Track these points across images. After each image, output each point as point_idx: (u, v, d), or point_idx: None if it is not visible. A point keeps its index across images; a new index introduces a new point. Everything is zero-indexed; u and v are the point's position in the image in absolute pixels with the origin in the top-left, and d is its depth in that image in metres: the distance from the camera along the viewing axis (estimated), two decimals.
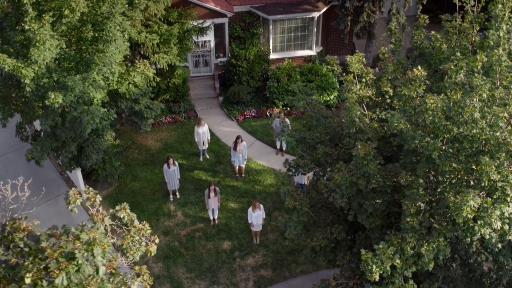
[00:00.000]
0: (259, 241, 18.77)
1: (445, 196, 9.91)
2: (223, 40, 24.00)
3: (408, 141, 10.42)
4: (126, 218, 9.51)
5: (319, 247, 12.54)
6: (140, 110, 18.43)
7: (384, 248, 10.04)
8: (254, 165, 21.60)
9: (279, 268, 18.06)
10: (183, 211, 19.82)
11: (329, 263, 13.37)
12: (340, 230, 12.49)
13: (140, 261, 18.06)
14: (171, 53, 19.12)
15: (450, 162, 10.07)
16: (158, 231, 19.08)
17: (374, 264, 9.77)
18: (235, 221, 19.50)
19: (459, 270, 11.05)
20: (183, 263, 18.15)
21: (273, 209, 19.90)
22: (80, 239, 6.93)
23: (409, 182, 10.47)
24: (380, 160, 11.11)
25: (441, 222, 10.29)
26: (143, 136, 22.79)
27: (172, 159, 19.22)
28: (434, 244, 10.00)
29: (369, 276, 9.86)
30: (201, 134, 20.84)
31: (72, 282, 6.89)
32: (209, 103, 24.26)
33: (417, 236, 10.20)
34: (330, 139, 13.38)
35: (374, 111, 12.55)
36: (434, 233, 10.18)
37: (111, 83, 17.84)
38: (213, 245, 18.66)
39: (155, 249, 10.02)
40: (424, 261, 10.03)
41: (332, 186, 11.42)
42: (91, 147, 18.62)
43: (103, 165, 19.90)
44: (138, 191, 20.51)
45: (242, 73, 23.18)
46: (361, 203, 11.38)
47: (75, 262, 6.79)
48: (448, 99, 10.21)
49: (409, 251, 10.11)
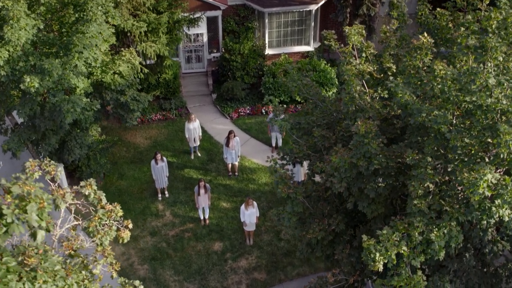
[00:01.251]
0: (252, 242, 17.52)
1: (456, 176, 8.71)
2: (217, 35, 22.97)
3: (414, 115, 9.26)
4: (92, 196, 8.31)
5: (316, 240, 11.29)
6: (126, 102, 17.29)
7: (388, 234, 8.81)
8: (248, 163, 20.43)
9: (274, 270, 16.79)
10: (172, 210, 18.60)
11: (327, 259, 12.14)
12: (338, 221, 11.27)
13: (125, 262, 16.82)
14: (160, 42, 18.06)
15: (462, 136, 8.90)
16: (144, 231, 17.86)
17: (377, 252, 8.54)
18: (227, 221, 18.27)
19: (473, 261, 9.82)
20: (171, 265, 16.89)
21: (268, 209, 18.67)
22: (11, 193, 5.72)
23: (416, 161, 9.28)
24: (383, 139, 9.94)
25: (453, 204, 9.09)
26: (131, 134, 21.66)
27: (160, 155, 18.05)
28: (445, 229, 8.78)
29: (372, 265, 8.62)
30: (192, 130, 19.69)
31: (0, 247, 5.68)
32: (202, 101, 23.16)
33: (425, 220, 8.97)
34: (327, 124, 12.23)
35: (376, 90, 11.42)
36: (445, 217, 8.96)
37: (94, 71, 16.79)
38: (203, 246, 17.41)
39: (128, 236, 8.81)
40: (434, 249, 8.79)
41: (329, 169, 10.23)
42: (74, 142, 17.50)
43: (87, 161, 18.76)
44: (125, 190, 19.31)
45: (236, 68, 22.11)
46: (362, 188, 10.17)
47: (3, 221, 5.58)
48: (459, 68, 9.06)
49: (417, 237, 8.88)
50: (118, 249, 17.25)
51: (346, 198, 10.81)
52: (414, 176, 9.20)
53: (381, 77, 11.33)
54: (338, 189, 10.10)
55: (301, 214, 11.82)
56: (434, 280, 9.62)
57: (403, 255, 8.89)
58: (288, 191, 11.12)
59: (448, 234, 8.83)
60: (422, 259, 8.92)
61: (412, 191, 9.11)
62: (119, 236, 8.51)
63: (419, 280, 8.69)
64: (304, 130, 12.43)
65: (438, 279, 9.59)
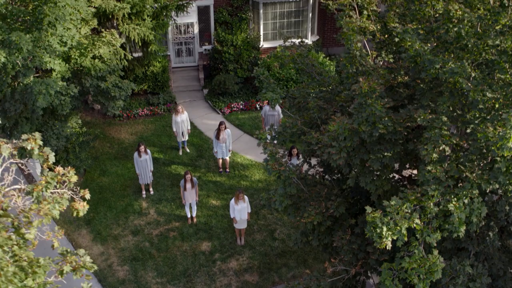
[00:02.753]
0: (244, 241, 15.97)
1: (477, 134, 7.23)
2: (208, 26, 21.68)
3: (426, 67, 7.84)
4: (36, 153, 6.84)
5: (312, 226, 9.74)
6: (107, 88, 15.88)
7: (398, 205, 7.30)
8: (240, 160, 18.96)
9: (267, 272, 15.21)
10: (156, 208, 17.08)
11: (324, 249, 10.59)
12: (338, 204, 9.76)
13: (103, 262, 15.26)
14: (144, 25, 16.74)
15: (483, 90, 7.48)
16: (126, 230, 16.32)
17: (384, 226, 7.02)
18: (216, 219, 16.74)
19: (497, 243, 8.30)
20: (154, 266, 15.32)
21: (261, 207, 17.10)
22: None
23: (429, 121, 7.82)
24: (389, 102, 8.49)
25: (474, 170, 7.61)
26: (116, 129, 20.23)
27: (143, 146, 16.58)
28: (465, 199, 7.28)
29: (378, 242, 7.11)
30: (179, 123, 18.26)
31: None
32: (193, 96, 21.78)
33: (442, 189, 7.47)
34: (325, 97, 10.79)
35: (380, 54, 10.02)
36: (466, 184, 7.48)
37: (72, 54, 15.45)
38: (190, 246, 15.85)
39: (86, 209, 7.31)
40: (453, 221, 7.24)
41: (326, 139, 8.77)
42: (50, 132, 16.08)
43: (66, 155, 17.30)
44: (107, 187, 17.82)
45: (229, 60, 20.77)
46: (365, 159, 8.69)
47: None
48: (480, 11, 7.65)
49: (432, 209, 7.36)
50: (97, 248, 15.72)
51: (347, 175, 9.30)
52: (427, 138, 7.73)
53: (386, 39, 9.93)
54: (337, 162, 8.61)
55: (295, 197, 10.31)
56: (452, 264, 8.08)
57: (416, 231, 7.37)
58: (280, 168, 9.63)
59: (469, 206, 7.34)
60: (438, 236, 7.39)
61: (425, 155, 7.63)
62: (73, 207, 7.01)
63: (435, 261, 7.19)
64: (299, 106, 11.00)
65: (457, 263, 8.06)
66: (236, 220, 15.30)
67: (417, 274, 7.19)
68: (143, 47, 18.02)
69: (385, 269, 7.59)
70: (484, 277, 8.19)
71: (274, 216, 16.84)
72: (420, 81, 8.74)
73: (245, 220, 15.46)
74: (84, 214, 7.12)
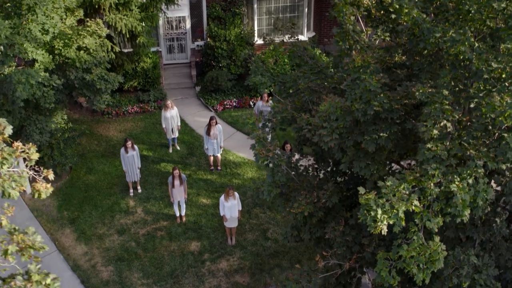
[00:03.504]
0: (235, 241, 15.20)
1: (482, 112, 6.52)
2: (201, 22, 21.04)
3: (425, 36, 7.15)
4: None
5: (302, 216, 8.98)
6: (93, 80, 15.19)
7: (394, 186, 6.55)
8: (232, 157, 18.24)
9: (259, 273, 14.42)
10: (144, 207, 16.32)
11: (317, 244, 9.83)
12: (330, 193, 9.02)
13: (86, 263, 14.49)
14: (131, 15, 16.08)
15: (488, 59, 6.77)
16: (111, 229, 15.55)
17: (379, 208, 6.27)
18: (206, 218, 15.97)
19: (505, 230, 7.55)
20: (140, 266, 14.53)
21: (254, 206, 16.41)
22: None
23: (429, 95, 7.10)
24: (385, 77, 7.78)
25: (479, 147, 6.88)
26: (104, 126, 19.52)
27: (130, 142, 15.85)
28: (470, 179, 6.54)
29: (372, 227, 6.35)
30: (169, 118, 17.55)
31: None
32: (185, 94, 21.09)
33: (443, 168, 6.73)
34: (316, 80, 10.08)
35: (375, 31, 9.32)
36: (470, 163, 6.73)
37: (56, 45, 14.79)
38: (178, 246, 15.08)
39: (48, 191, 6.57)
40: (456, 203, 6.47)
41: (317, 121, 8.05)
42: (33, 126, 15.38)
43: (50, 152, 16.58)
44: (93, 185, 17.07)
45: (222, 56, 20.10)
46: (359, 141, 7.96)
47: None
48: None
49: (433, 190, 6.60)
50: (80, 248, 14.95)
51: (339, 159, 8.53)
52: (427, 114, 7.00)
53: (381, 16, 9.22)
54: (329, 144, 7.88)
55: (285, 187, 9.57)
56: (455, 254, 7.31)
57: (415, 215, 6.61)
58: (267, 154, 8.89)
59: (474, 187, 6.60)
60: (440, 221, 6.63)
61: (424, 132, 6.90)
62: (34, 189, 6.29)
63: (436, 249, 6.43)
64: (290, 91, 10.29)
65: (461, 252, 7.29)
66: (226, 218, 14.54)
67: (416, 263, 6.44)
68: (131, 40, 17.36)
69: (381, 259, 6.83)
70: (490, 268, 7.43)
71: (267, 215, 16.09)
72: (419, 57, 8.04)
73: (235, 219, 14.70)
74: (46, 196, 6.39)
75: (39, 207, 16.28)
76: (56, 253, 14.82)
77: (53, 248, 14.95)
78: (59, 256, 14.72)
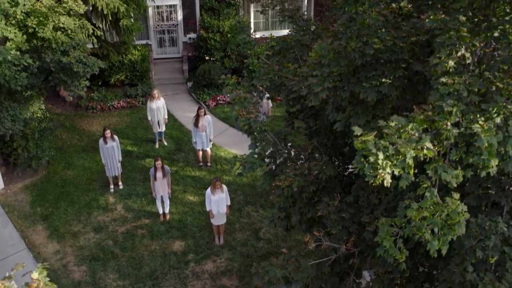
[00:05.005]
0: (223, 241, 13.69)
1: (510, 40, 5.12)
2: (193, 13, 19.85)
3: None
4: None
5: (291, 193, 7.51)
6: (70, 63, 13.90)
7: (400, 124, 5.05)
8: (224, 154, 16.83)
9: (248, 276, 12.88)
10: (124, 204, 14.87)
11: (308, 228, 8.33)
12: (324, 164, 7.57)
13: (57, 262, 13.00)
14: None
15: None
16: (87, 226, 14.09)
17: (380, 152, 4.77)
18: (192, 216, 14.50)
19: None
20: (116, 267, 13.03)
21: (245, 204, 14.96)
22: None
23: (442, 22, 5.69)
24: (388, 16, 6.41)
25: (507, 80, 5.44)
26: (87, 121, 18.20)
27: (109, 131, 14.45)
28: (497, 118, 5.08)
29: (371, 176, 4.85)
30: (155, 110, 16.19)
31: None
32: (176, 89, 19.79)
33: (462, 106, 5.27)
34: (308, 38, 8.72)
35: None
36: (498, 98, 5.29)
37: (29, 23, 13.57)
38: (160, 246, 13.58)
39: None
40: (480, 150, 4.93)
41: (305, 70, 6.66)
42: (5, 113, 14.08)
43: (25, 143, 15.26)
44: (71, 180, 15.66)
45: (215, 48, 18.84)
46: (356, 92, 6.54)
47: None
48: None
49: (450, 131, 5.10)
50: (52, 246, 13.49)
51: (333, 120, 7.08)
52: (440, 43, 5.58)
53: None
54: (320, 95, 6.46)
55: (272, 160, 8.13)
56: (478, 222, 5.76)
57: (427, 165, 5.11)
58: (249, 116, 7.48)
59: (502, 131, 5.13)
60: (459, 174, 5.11)
61: (436, 64, 5.46)
62: None
63: (455, 209, 4.93)
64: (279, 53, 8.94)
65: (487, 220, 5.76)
66: (212, 213, 13.05)
67: (429, 227, 4.93)
68: (115, 25, 16.12)
69: (383, 225, 5.34)
70: None
71: (260, 213, 14.61)
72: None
73: (223, 215, 13.22)
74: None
75: (10, 202, 14.86)
76: (26, 251, 13.36)
77: (22, 246, 13.49)
78: (29, 254, 13.26)
